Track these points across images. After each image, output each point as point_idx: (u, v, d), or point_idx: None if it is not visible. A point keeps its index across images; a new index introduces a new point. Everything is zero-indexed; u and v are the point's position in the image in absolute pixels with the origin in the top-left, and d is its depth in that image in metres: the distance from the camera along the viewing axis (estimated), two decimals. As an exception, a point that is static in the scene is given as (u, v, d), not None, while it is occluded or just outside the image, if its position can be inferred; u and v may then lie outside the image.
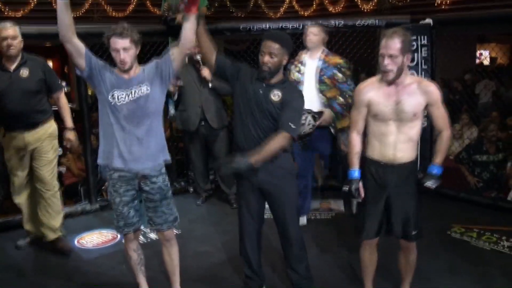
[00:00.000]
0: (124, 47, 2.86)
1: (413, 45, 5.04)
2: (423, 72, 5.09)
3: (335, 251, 4.12)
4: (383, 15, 8.43)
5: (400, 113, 2.89)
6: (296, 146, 4.14)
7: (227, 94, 4.94)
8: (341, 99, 4.30)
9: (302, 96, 3.15)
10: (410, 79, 2.93)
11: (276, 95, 3.03)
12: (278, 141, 2.97)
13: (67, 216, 4.65)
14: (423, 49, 5.10)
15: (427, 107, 2.91)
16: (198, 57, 4.73)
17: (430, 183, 2.93)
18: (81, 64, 2.89)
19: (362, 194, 3.04)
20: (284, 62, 3.07)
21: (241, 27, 5.47)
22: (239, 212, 3.35)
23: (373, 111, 2.97)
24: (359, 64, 6.91)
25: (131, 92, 2.93)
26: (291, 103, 3.01)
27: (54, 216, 4.23)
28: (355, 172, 3.06)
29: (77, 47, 2.86)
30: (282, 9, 10.78)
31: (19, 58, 3.95)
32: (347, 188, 3.05)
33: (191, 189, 5.78)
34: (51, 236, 4.22)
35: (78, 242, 4.45)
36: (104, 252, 4.23)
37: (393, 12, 8.27)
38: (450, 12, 8.32)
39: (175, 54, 3.00)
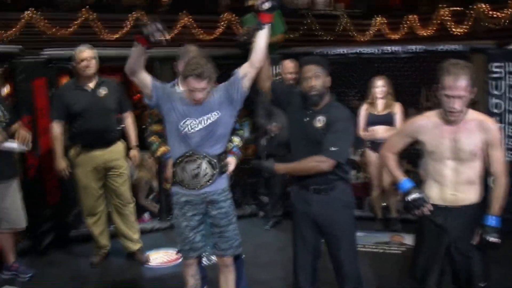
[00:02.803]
0: (202, 87, 2.87)
1: (499, 72, 4.71)
2: (509, 102, 4.72)
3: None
4: (476, 38, 8.00)
5: (458, 151, 2.67)
6: None
7: None
8: (237, 140, 3.51)
9: (348, 118, 3.03)
10: (470, 115, 2.70)
11: (319, 121, 2.96)
12: (309, 163, 2.92)
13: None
14: (510, 77, 4.73)
15: (485, 147, 2.67)
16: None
17: (494, 237, 2.62)
18: (148, 94, 2.96)
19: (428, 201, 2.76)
20: (328, 84, 3.01)
21: (315, 52, 5.39)
22: (293, 243, 3.25)
23: (428, 148, 2.77)
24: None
25: (203, 120, 2.95)
26: (334, 125, 2.92)
27: (135, 229, 4.49)
28: (406, 181, 2.83)
29: (143, 80, 2.94)
30: (370, 32, 10.55)
31: (96, 79, 4.21)
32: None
33: (261, 213, 5.75)
34: (134, 247, 4.46)
35: (143, 259, 4.56)
36: (166, 272, 4.31)
37: (488, 36, 7.82)
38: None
39: (245, 69, 2.99)
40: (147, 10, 10.12)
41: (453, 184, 2.71)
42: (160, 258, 4.58)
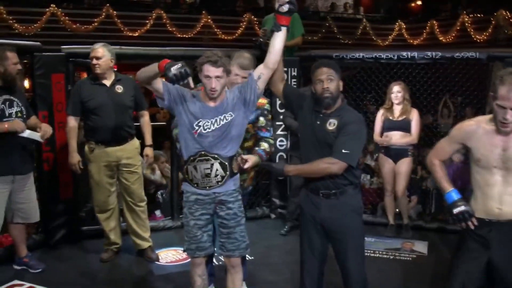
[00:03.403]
0: (216, 75, 2.88)
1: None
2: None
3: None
4: (497, 46, 7.91)
5: (507, 161, 2.54)
6: None
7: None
8: (265, 145, 3.45)
9: (360, 121, 2.99)
10: None
11: (331, 124, 2.93)
12: (319, 164, 2.88)
13: (148, 230, 4.82)
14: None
15: None
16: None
17: None
18: (161, 96, 2.99)
19: (474, 215, 2.65)
20: (341, 88, 2.99)
21: (334, 55, 5.37)
22: (300, 247, 3.23)
23: (475, 155, 2.64)
24: (465, 98, 6.50)
25: (216, 120, 2.96)
26: (345, 128, 2.88)
27: (146, 227, 4.50)
28: (452, 192, 2.70)
29: (155, 87, 2.97)
30: (390, 37, 10.50)
31: (113, 75, 4.25)
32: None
33: (273, 215, 5.74)
34: (145, 245, 4.48)
35: (153, 257, 4.59)
36: (175, 270, 4.32)
37: (508, 44, 7.73)
38: None
39: (259, 71, 2.99)
40: (168, 9, 10.21)
41: (499, 196, 2.58)
42: (170, 256, 4.60)
